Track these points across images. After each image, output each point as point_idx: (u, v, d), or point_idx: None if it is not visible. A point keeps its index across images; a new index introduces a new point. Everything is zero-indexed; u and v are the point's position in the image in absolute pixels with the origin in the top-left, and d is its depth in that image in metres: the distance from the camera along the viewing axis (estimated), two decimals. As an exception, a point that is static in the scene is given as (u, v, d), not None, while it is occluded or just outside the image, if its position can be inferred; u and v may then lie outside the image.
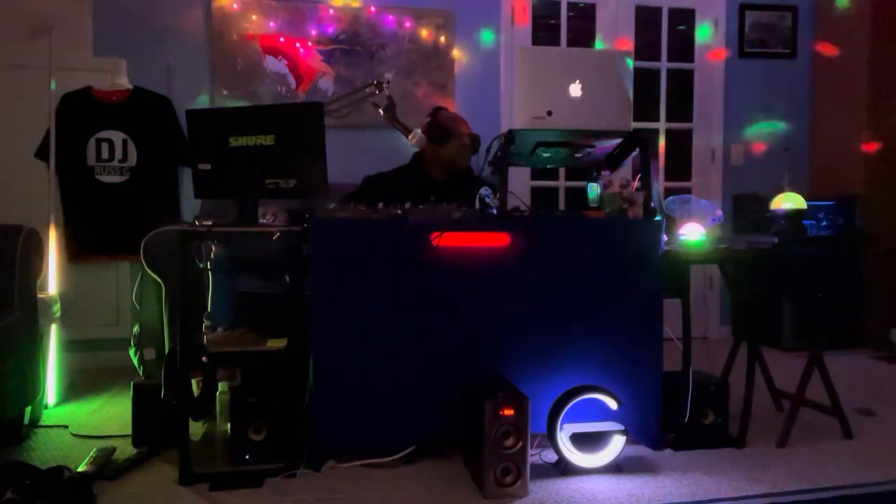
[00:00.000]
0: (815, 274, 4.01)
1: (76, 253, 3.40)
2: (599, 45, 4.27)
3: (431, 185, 2.90)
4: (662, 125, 4.43)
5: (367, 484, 2.06)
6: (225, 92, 3.72)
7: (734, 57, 4.44)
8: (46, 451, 2.33)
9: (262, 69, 3.75)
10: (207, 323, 2.23)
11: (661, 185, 4.26)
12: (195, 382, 2.19)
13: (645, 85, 4.32)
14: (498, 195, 2.32)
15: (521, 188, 4.11)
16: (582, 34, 4.29)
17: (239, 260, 2.52)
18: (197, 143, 2.26)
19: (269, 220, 2.30)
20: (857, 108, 4.20)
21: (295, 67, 3.80)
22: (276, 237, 2.14)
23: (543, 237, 2.29)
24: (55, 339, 2.88)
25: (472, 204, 2.40)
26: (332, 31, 3.83)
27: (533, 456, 2.18)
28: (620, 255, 2.33)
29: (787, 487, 2.04)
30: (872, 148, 4.16)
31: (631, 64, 2.32)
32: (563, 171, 4.32)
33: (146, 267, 2.63)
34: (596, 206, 2.47)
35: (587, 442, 2.15)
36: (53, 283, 2.98)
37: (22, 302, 2.46)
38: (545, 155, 2.49)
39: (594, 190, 2.48)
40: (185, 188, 3.55)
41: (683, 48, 4.45)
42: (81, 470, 2.04)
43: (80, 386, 3.07)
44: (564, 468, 2.15)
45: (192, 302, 2.17)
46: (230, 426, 2.16)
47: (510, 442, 1.96)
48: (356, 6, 3.86)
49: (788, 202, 3.79)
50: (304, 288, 2.18)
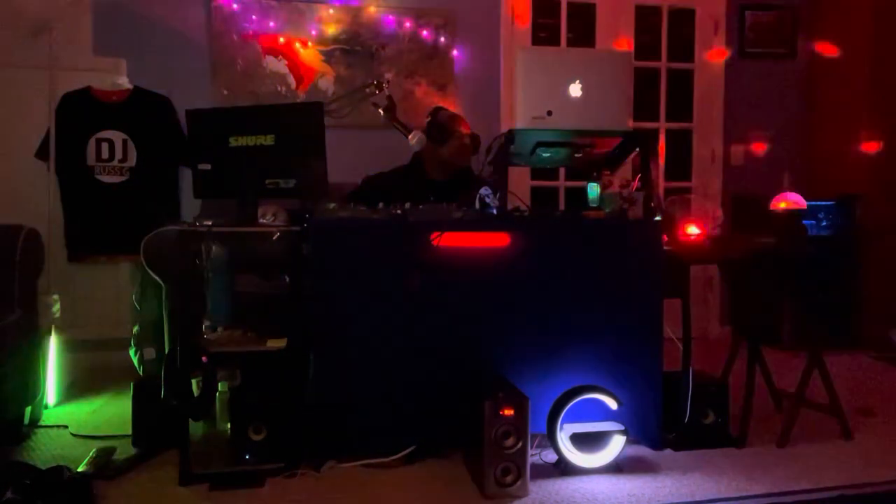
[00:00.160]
0: (815, 274, 4.01)
1: (76, 253, 3.39)
2: (599, 44, 4.27)
3: (431, 185, 2.90)
4: (662, 125, 4.43)
5: (367, 484, 2.06)
6: (225, 92, 3.72)
7: (734, 57, 4.44)
8: (46, 451, 2.33)
9: (262, 69, 3.75)
10: (207, 323, 2.23)
11: (660, 185, 4.27)
12: (195, 382, 2.19)
13: (645, 85, 4.32)
14: (498, 195, 2.32)
15: (521, 188, 4.11)
16: (582, 34, 4.29)
17: (239, 260, 2.52)
18: (197, 143, 2.26)
19: (269, 220, 2.29)
20: (857, 108, 4.20)
21: (295, 67, 3.80)
22: (276, 237, 2.14)
23: (543, 237, 2.29)
24: (55, 338, 2.88)
25: (472, 204, 2.40)
26: (332, 31, 3.83)
27: (533, 456, 2.18)
28: (620, 255, 2.33)
29: (787, 487, 2.04)
30: (872, 148, 4.16)
31: (631, 64, 2.32)
32: (563, 171, 4.32)
33: (146, 267, 2.63)
34: (596, 206, 2.47)
35: (587, 442, 2.15)
36: (53, 283, 2.98)
37: (22, 302, 2.46)
38: (545, 155, 2.49)
39: (594, 190, 2.48)
40: (185, 188, 3.55)
41: (683, 48, 4.45)
42: (81, 470, 2.04)
43: (80, 386, 3.07)
44: (564, 468, 2.15)
45: (192, 302, 2.17)
46: (230, 426, 2.16)
47: (510, 442, 1.96)
48: (356, 6, 3.86)
49: (788, 202, 3.79)
50: (304, 288, 2.18)
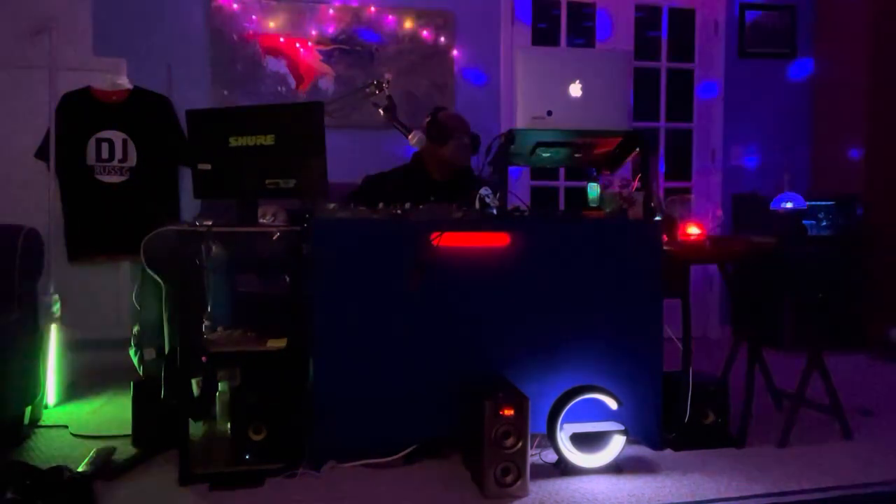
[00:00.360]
0: (815, 274, 4.01)
1: (76, 253, 3.39)
2: (599, 45, 4.27)
3: (431, 185, 2.90)
4: (662, 125, 4.43)
5: (367, 484, 2.06)
6: (225, 92, 3.72)
7: (734, 57, 4.44)
8: (46, 451, 2.33)
9: (262, 69, 3.75)
10: (207, 323, 2.23)
11: (660, 185, 4.27)
12: (195, 382, 2.19)
13: (645, 85, 4.32)
14: (498, 195, 2.32)
15: (521, 188, 4.12)
16: (582, 34, 4.29)
17: (239, 260, 2.52)
18: (197, 143, 2.26)
19: (269, 220, 2.29)
20: (857, 108, 4.20)
21: (295, 67, 3.80)
22: (276, 237, 2.14)
23: (543, 237, 2.29)
24: (55, 339, 2.88)
25: (472, 204, 2.40)
26: (332, 31, 3.83)
27: (533, 456, 2.18)
28: (620, 255, 2.33)
29: (787, 487, 2.04)
30: (873, 148, 4.15)
31: (631, 64, 2.32)
32: (562, 171, 4.32)
33: (146, 267, 2.63)
34: (596, 206, 2.47)
35: (587, 442, 2.15)
36: (53, 283, 2.98)
37: (22, 302, 2.46)
38: (545, 155, 2.49)
39: (594, 190, 2.48)
40: (185, 188, 3.55)
41: (683, 48, 4.45)
42: (81, 470, 2.04)
43: (80, 386, 3.06)
44: (564, 468, 2.15)
45: (192, 302, 2.17)
46: (230, 426, 2.16)
47: (510, 442, 1.96)
48: (356, 6, 3.86)
49: (788, 202, 3.80)
50: (304, 288, 2.18)
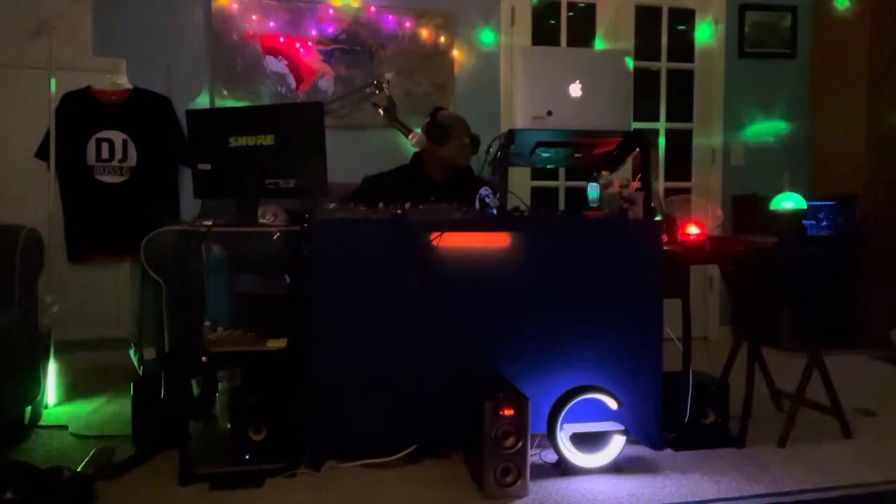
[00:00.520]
0: (815, 274, 4.01)
1: (76, 253, 3.40)
2: (599, 45, 4.27)
3: (431, 185, 2.90)
4: (662, 125, 4.43)
5: (367, 484, 2.06)
6: (225, 92, 3.72)
7: (734, 57, 4.44)
8: (46, 451, 2.33)
9: (262, 69, 3.75)
10: (207, 323, 2.23)
11: (660, 184, 4.27)
12: (195, 382, 2.19)
13: (645, 85, 4.32)
14: (498, 195, 2.32)
15: (521, 188, 4.11)
16: (582, 34, 4.29)
17: (239, 260, 2.52)
18: (197, 143, 2.26)
19: (269, 220, 2.29)
20: (857, 108, 4.20)
21: (295, 67, 3.80)
22: (276, 237, 2.14)
23: (543, 237, 2.29)
24: (55, 338, 2.88)
25: (472, 204, 2.40)
26: (332, 31, 3.83)
27: (533, 456, 2.18)
28: (620, 255, 2.33)
29: (787, 487, 2.04)
30: (873, 148, 4.15)
31: (631, 64, 2.32)
32: (563, 171, 4.32)
33: (146, 267, 2.63)
34: (596, 206, 2.47)
35: (587, 442, 2.15)
36: (53, 283, 2.98)
37: (22, 302, 2.45)
38: (545, 155, 2.49)
39: (594, 190, 2.48)
40: (185, 188, 3.55)
41: (683, 48, 4.45)
42: (81, 470, 2.04)
43: (80, 386, 3.07)
44: (564, 468, 2.15)
45: (192, 302, 2.17)
46: (230, 426, 2.16)
47: (510, 442, 1.96)
48: (356, 6, 3.85)
49: (788, 202, 3.80)
50: (303, 288, 2.18)
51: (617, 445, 2.17)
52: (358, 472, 2.14)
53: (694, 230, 2.50)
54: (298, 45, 3.79)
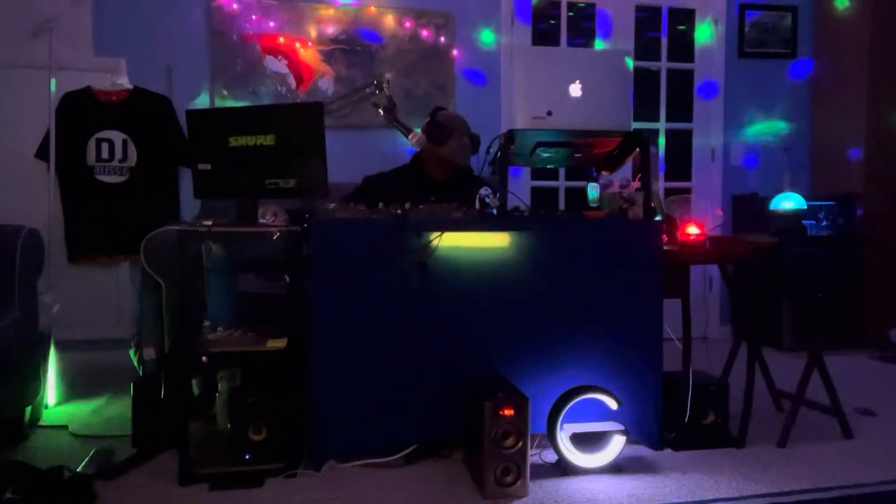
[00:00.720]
0: (815, 274, 4.01)
1: (76, 253, 3.40)
2: (599, 45, 4.27)
3: (431, 185, 2.89)
4: (662, 125, 4.43)
5: (367, 484, 2.06)
6: (225, 92, 3.72)
7: (734, 57, 4.44)
8: (46, 451, 2.33)
9: (262, 69, 3.75)
10: (207, 323, 2.23)
11: (660, 184, 4.27)
12: (195, 382, 2.19)
13: (645, 85, 4.32)
14: (498, 195, 2.32)
15: (521, 188, 4.12)
16: (582, 34, 4.29)
17: (239, 260, 2.52)
18: (197, 143, 2.26)
19: (269, 220, 2.30)
20: (857, 108, 4.20)
21: (295, 67, 3.80)
22: (276, 237, 2.14)
23: (543, 237, 2.29)
24: (55, 338, 2.88)
25: (472, 204, 2.40)
26: (332, 31, 3.83)
27: (533, 456, 2.18)
28: (620, 255, 2.33)
29: (787, 487, 2.04)
30: (873, 148, 4.15)
31: (631, 64, 2.32)
32: (563, 171, 4.32)
33: (146, 267, 2.63)
34: (596, 206, 2.47)
35: (587, 442, 2.15)
36: (53, 283, 2.97)
37: (22, 302, 2.46)
38: (545, 155, 2.49)
39: (594, 190, 2.48)
40: (185, 188, 3.55)
41: (683, 48, 4.45)
42: (81, 470, 2.04)
43: (79, 386, 3.06)
44: (564, 468, 2.15)
45: (192, 302, 2.17)
46: (230, 426, 2.16)
47: (510, 442, 1.96)
48: (356, 6, 3.86)
49: (788, 202, 3.80)
50: (304, 288, 2.18)
51: (617, 445, 2.17)
52: (358, 472, 2.14)
53: (694, 230, 2.50)
54: (298, 45, 3.79)
